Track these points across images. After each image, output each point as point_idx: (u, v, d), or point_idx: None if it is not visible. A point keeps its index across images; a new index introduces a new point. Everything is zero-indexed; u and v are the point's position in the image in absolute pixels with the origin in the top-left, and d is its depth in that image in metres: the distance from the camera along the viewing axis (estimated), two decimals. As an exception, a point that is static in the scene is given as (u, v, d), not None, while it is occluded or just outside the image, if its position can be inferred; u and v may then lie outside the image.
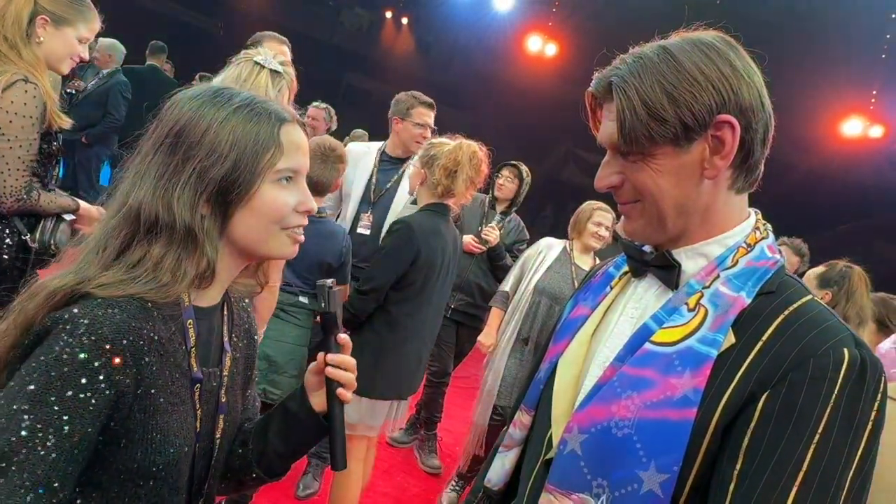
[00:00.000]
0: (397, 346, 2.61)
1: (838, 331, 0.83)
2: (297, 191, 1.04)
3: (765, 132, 0.91)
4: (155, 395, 0.94)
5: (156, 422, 0.94)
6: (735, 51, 0.90)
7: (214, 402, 1.08)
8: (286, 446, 1.14)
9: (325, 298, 1.08)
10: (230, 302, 1.16)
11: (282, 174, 1.01)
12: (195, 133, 0.97)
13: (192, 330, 1.01)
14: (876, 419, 0.79)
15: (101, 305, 0.90)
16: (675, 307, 0.92)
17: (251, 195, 0.99)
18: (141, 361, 0.91)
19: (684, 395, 0.84)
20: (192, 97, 1.02)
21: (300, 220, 1.05)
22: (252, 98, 1.03)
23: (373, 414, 2.61)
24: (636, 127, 0.87)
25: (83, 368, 0.86)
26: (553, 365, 1.04)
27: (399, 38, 12.80)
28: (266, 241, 1.03)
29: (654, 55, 0.89)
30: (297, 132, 1.05)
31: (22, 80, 1.94)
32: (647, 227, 0.95)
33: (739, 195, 0.94)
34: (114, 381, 0.88)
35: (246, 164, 0.98)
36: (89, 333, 0.87)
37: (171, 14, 11.51)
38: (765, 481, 0.78)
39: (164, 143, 0.99)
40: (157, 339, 0.94)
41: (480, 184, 2.70)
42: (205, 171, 0.96)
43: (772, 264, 0.91)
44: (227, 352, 1.11)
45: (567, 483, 0.91)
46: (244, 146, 0.98)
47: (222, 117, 0.98)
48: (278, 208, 1.01)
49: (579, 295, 1.12)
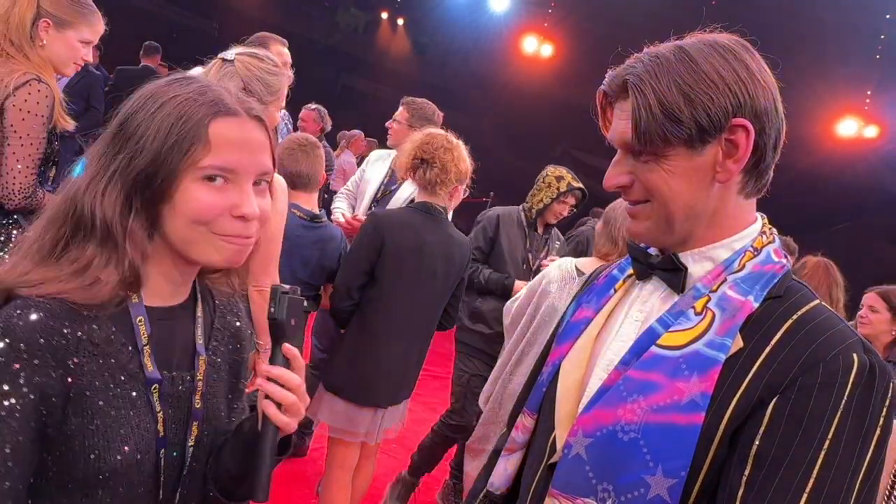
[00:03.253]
0: (372, 348, 2.51)
1: (847, 336, 0.83)
2: (233, 192, 0.92)
3: (777, 137, 0.90)
4: (91, 398, 0.88)
5: (95, 426, 0.89)
6: (751, 54, 0.89)
7: (185, 407, 1.00)
8: (238, 467, 1.02)
9: (275, 303, 0.95)
10: (211, 305, 1.10)
11: (206, 171, 0.90)
12: (132, 122, 0.91)
13: (142, 328, 0.94)
14: (884, 425, 0.79)
15: (17, 307, 0.86)
16: (682, 311, 0.91)
17: (172, 193, 0.90)
18: (67, 363, 0.86)
19: (692, 400, 0.83)
20: (154, 83, 0.96)
21: (234, 227, 0.92)
22: (201, 87, 0.94)
23: (349, 419, 2.52)
24: (651, 126, 0.87)
25: (2, 373, 0.83)
26: (556, 368, 1.03)
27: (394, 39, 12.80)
28: (193, 244, 0.93)
29: (671, 55, 0.88)
30: (236, 127, 0.92)
31: (35, 80, 1.97)
32: (655, 228, 0.94)
33: (748, 199, 0.94)
34: (35, 383, 0.84)
35: (165, 157, 0.89)
36: (4, 336, 0.83)
37: (167, 14, 11.49)
38: (774, 488, 0.78)
39: (109, 133, 0.94)
40: (85, 339, 0.88)
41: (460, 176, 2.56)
42: (128, 164, 0.90)
43: (779, 269, 0.91)
44: (199, 355, 1.03)
45: (571, 487, 0.90)
46: (165, 138, 0.89)
47: (157, 107, 0.91)
48: (201, 210, 0.90)
49: (582, 297, 1.11)
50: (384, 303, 2.51)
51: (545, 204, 3.34)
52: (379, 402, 2.56)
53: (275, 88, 1.97)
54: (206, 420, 1.04)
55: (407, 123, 3.47)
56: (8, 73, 1.95)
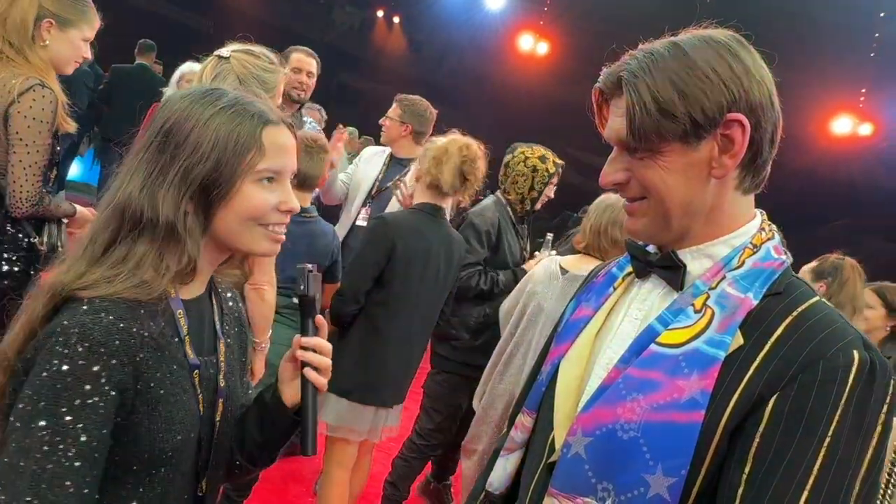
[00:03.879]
0: (379, 351, 2.53)
1: (847, 333, 0.82)
2: (280, 191, 1.06)
3: (773, 132, 0.90)
4: (155, 388, 0.98)
5: (159, 412, 0.99)
6: (746, 49, 0.89)
7: (213, 388, 1.11)
8: (262, 436, 1.16)
9: (303, 281, 1.10)
10: (217, 291, 1.19)
11: (263, 175, 1.03)
12: (182, 132, 1.01)
13: (182, 320, 1.05)
14: (885, 422, 0.79)
15: (87, 312, 0.93)
16: (681, 308, 0.90)
17: (232, 194, 1.02)
18: (136, 359, 0.95)
19: (692, 398, 0.83)
20: (182, 96, 1.05)
21: (280, 219, 1.07)
22: (238, 98, 1.05)
23: (355, 417, 2.53)
24: (646, 123, 0.86)
25: (85, 375, 0.91)
26: (555, 366, 1.03)
27: (390, 37, 12.77)
28: (242, 236, 1.05)
29: (665, 51, 0.88)
30: (281, 134, 1.06)
31: (38, 85, 1.94)
32: (652, 225, 0.93)
33: (746, 195, 0.93)
34: (114, 381, 0.93)
35: (227, 164, 1.00)
36: (82, 341, 0.91)
37: (162, 12, 11.44)
38: (774, 486, 0.77)
39: (154, 142, 1.02)
40: (147, 336, 0.97)
41: (478, 183, 2.59)
42: (188, 169, 1.00)
43: (778, 265, 0.91)
44: (220, 338, 1.15)
45: (571, 487, 0.90)
46: (225, 146, 1.00)
47: (206, 117, 1.01)
48: (257, 207, 1.04)
49: (581, 296, 1.11)
50: (392, 306, 2.51)
51: (539, 192, 3.03)
52: (386, 401, 2.59)
53: (271, 85, 1.97)
54: (228, 397, 1.15)
55: (399, 120, 3.47)
56: (11, 78, 1.92)
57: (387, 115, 3.54)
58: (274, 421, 1.15)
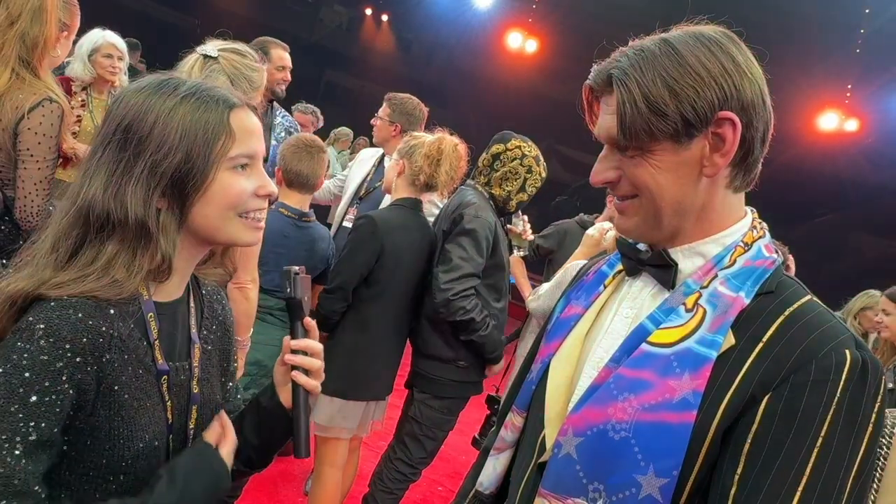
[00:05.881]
0: (369, 347, 2.55)
1: (839, 332, 0.82)
2: (255, 176, 1.02)
3: (765, 130, 0.89)
4: (118, 392, 0.94)
5: (121, 417, 0.95)
6: (738, 46, 0.88)
7: (186, 395, 1.08)
8: (259, 439, 1.14)
9: (290, 284, 1.08)
10: (200, 294, 1.16)
11: (237, 161, 0.99)
12: (143, 126, 0.95)
13: (153, 324, 1.01)
14: (876, 421, 0.79)
15: (55, 308, 0.90)
16: (673, 307, 0.90)
17: (207, 185, 0.97)
18: (102, 359, 0.92)
19: (683, 398, 0.82)
20: (137, 90, 0.99)
21: (260, 204, 1.03)
22: (198, 85, 1.00)
23: (345, 415, 2.54)
24: (636, 121, 0.85)
25: (45, 371, 0.87)
26: (545, 365, 1.02)
27: (379, 36, 12.74)
28: (223, 228, 1.01)
29: (655, 48, 0.87)
30: (247, 117, 1.02)
31: (47, 100, 1.95)
32: (643, 224, 0.93)
33: (737, 194, 0.93)
34: (75, 380, 0.89)
35: (198, 154, 0.96)
36: (47, 336, 0.88)
37: (147, 11, 11.34)
38: (767, 486, 0.77)
39: (112, 140, 0.97)
40: (116, 336, 0.94)
41: (458, 182, 2.63)
42: (156, 164, 0.95)
43: (769, 264, 0.90)
44: (195, 343, 1.10)
45: (562, 487, 0.89)
46: (195, 136, 0.96)
47: (169, 108, 0.96)
48: (237, 195, 0.99)
49: (571, 293, 1.10)
50: (381, 302, 2.54)
51: (529, 195, 2.75)
52: (378, 394, 2.62)
53: (257, 84, 1.98)
54: (203, 404, 1.11)
55: (389, 120, 3.46)
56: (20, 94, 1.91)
57: (377, 115, 3.53)
58: (273, 424, 1.13)
